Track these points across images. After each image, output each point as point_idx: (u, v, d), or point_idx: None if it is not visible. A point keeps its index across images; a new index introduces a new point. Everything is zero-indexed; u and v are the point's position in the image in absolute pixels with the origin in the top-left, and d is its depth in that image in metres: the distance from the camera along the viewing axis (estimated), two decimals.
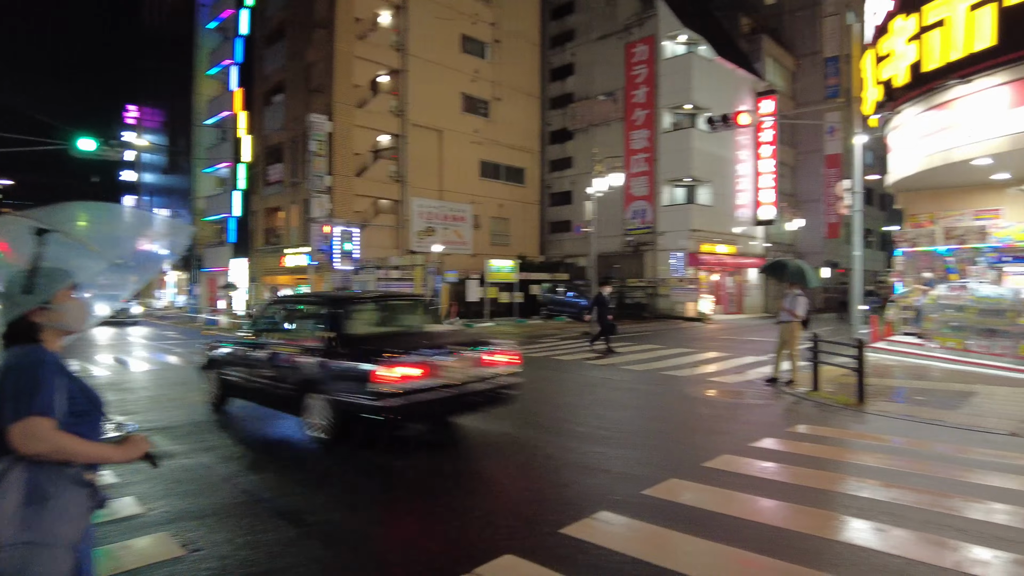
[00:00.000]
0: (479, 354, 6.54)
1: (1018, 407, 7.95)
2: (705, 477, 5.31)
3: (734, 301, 34.54)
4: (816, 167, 37.10)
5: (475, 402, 6.49)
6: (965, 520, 4.28)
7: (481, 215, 31.24)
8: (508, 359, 6.86)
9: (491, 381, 6.55)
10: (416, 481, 5.33)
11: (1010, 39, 11.20)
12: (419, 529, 4.27)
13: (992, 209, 15.16)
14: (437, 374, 5.98)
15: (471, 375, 6.34)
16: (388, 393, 5.60)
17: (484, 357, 6.57)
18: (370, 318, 7.31)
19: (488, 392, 6.51)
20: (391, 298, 9.12)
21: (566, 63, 36.17)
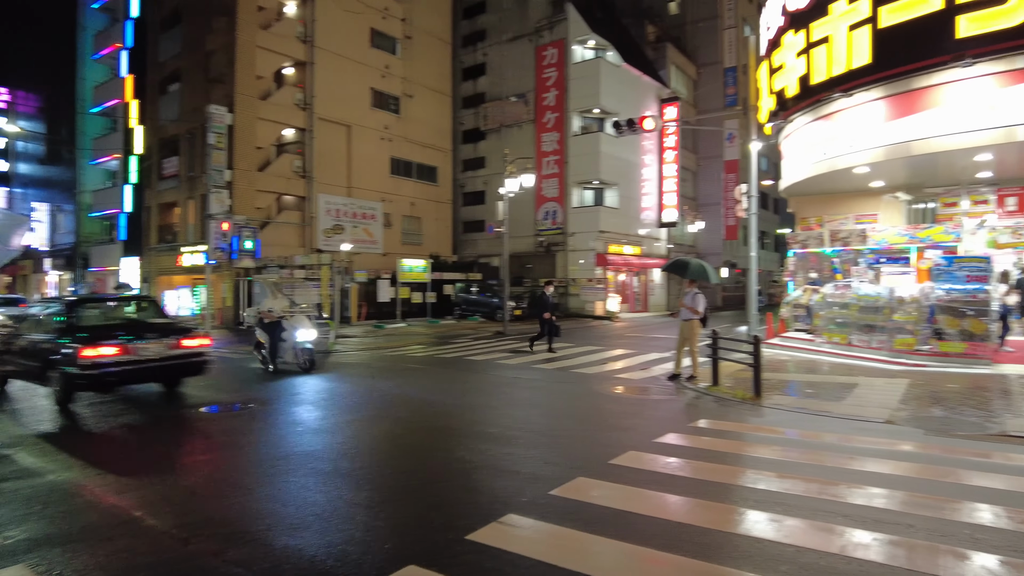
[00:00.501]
0: (176, 339, 8.84)
1: (892, 397, 8.60)
2: (612, 475, 5.38)
3: (640, 300, 35.73)
4: (716, 172, 38.95)
5: (167, 373, 9.00)
6: (849, 506, 4.55)
7: (392, 213, 30.67)
8: (199, 343, 9.14)
9: (182, 358, 8.89)
10: (321, 488, 5.09)
11: (884, 58, 12.15)
12: (320, 542, 4.07)
13: (871, 214, 16.42)
14: (132, 352, 8.29)
15: (165, 354, 8.67)
16: (91, 365, 7.92)
17: (181, 341, 8.88)
18: (98, 313, 9.80)
19: (178, 365, 8.91)
20: (120, 299, 11.81)
21: (478, 63, 36.18)
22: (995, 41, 10.69)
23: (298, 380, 10.88)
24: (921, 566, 3.56)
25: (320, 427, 7.46)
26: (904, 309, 11.74)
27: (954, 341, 10.97)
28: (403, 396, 9.74)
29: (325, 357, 14.55)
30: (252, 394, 9.59)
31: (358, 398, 9.54)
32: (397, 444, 6.76)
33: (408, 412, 8.43)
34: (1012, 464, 5.66)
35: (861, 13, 12.28)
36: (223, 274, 24.18)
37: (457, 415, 8.21)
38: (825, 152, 13.89)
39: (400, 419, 7.98)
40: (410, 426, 7.57)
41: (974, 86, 11.18)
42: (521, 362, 13.28)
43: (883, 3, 11.93)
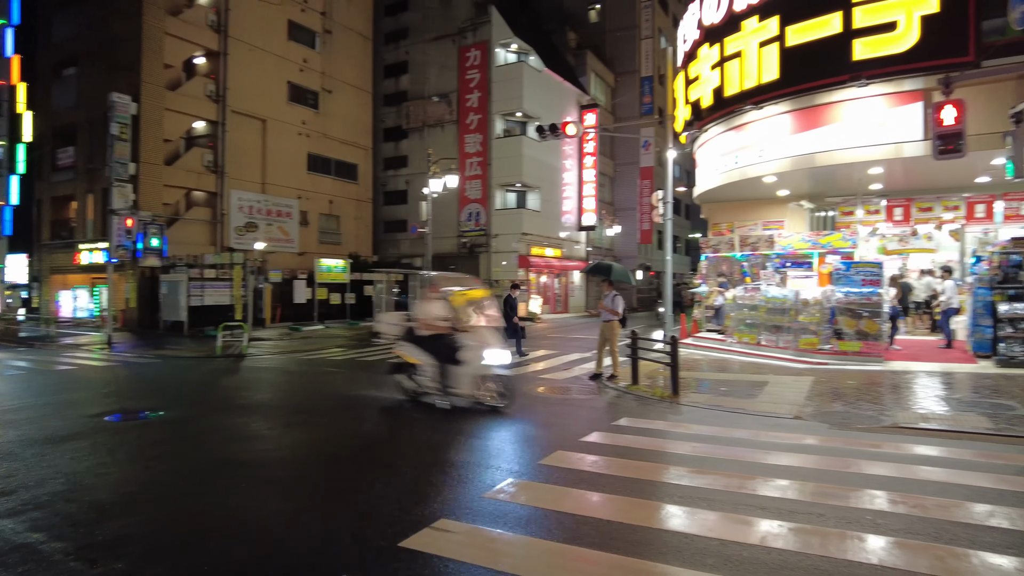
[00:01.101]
0: None
1: (799, 393, 9.16)
2: (542, 475, 5.46)
3: (560, 301, 36.36)
4: (632, 178, 40.19)
5: None
6: (765, 499, 4.81)
7: (310, 211, 29.77)
8: None
9: None
10: (246, 498, 4.88)
11: (790, 74, 12.93)
12: (246, 554, 3.90)
13: (777, 221, 17.40)
14: None
15: None
16: None
17: None
18: None
19: None
20: None
21: (400, 61, 35.76)
22: (886, 65, 11.59)
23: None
24: (833, 552, 3.81)
25: (241, 434, 7.15)
26: (808, 311, 12.53)
27: (851, 340, 11.81)
28: (326, 400, 9.48)
29: (237, 361, 13.98)
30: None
31: (276, 410, 9.21)
32: (322, 451, 6.58)
33: (331, 417, 8.22)
34: (903, 453, 6.15)
35: (770, 31, 13.02)
36: (126, 273, 22.71)
37: (380, 420, 8.07)
38: (737, 161, 14.62)
39: (323, 425, 7.77)
40: (333, 432, 7.38)
41: (868, 105, 12.09)
42: None
43: (790, 23, 12.70)
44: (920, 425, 7.17)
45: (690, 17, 16.14)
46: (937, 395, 8.87)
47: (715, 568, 3.63)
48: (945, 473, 5.44)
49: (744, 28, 13.63)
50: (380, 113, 35.52)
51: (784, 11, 12.83)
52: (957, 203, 15.41)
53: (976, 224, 15.16)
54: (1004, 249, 11.58)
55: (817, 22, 12.30)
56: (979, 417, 7.42)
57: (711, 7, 14.68)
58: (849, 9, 11.86)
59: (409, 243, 33.79)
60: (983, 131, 10.60)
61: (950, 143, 8.39)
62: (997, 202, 14.93)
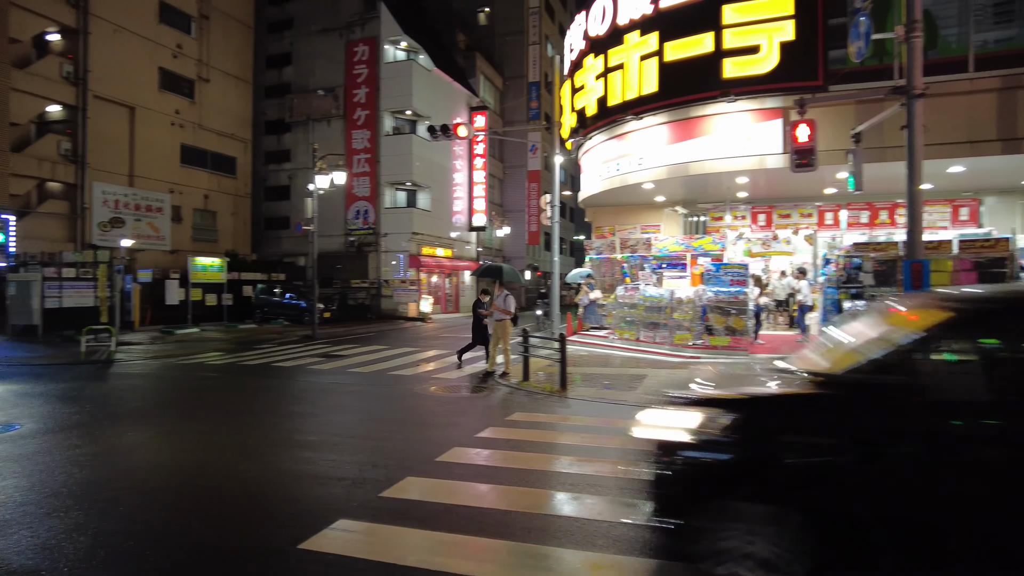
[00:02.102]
0: None
1: (673, 384, 9.84)
2: (439, 472, 5.57)
3: (451, 301, 36.46)
4: (521, 180, 41.05)
5: None
6: (644, 483, 5.20)
7: (183, 206, 27.92)
8: None
9: None
10: (130, 511, 4.61)
11: (668, 88, 13.83)
12: (137, 569, 3.72)
13: (655, 225, 18.49)
14: None
15: None
16: None
17: None
18: None
19: None
20: None
21: (284, 52, 34.35)
22: (750, 84, 12.72)
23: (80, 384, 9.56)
24: None
25: (113, 445, 6.68)
26: (682, 309, 13.46)
27: (721, 336, 12.83)
28: (207, 407, 9.04)
29: (105, 368, 12.95)
30: None
31: (155, 411, 8.68)
32: (210, 458, 6.30)
33: (215, 425, 7.86)
34: None
35: (650, 46, 13.86)
36: None
37: (271, 424, 7.82)
38: (618, 168, 15.42)
39: (207, 431, 7.42)
40: (220, 439, 7.08)
41: (736, 119, 13.19)
42: (335, 367, 12.94)
43: (668, 39, 13.60)
44: None
45: (576, 28, 16.81)
46: None
47: (604, 548, 3.92)
48: None
49: (627, 41, 14.42)
50: (262, 105, 33.93)
51: (663, 28, 13.72)
52: (811, 211, 17.13)
53: (826, 230, 16.93)
54: (847, 253, 13.03)
55: (692, 40, 13.26)
56: None
57: (596, 19, 15.39)
58: (720, 31, 12.90)
59: (292, 241, 32.54)
60: (831, 147, 11.90)
61: (804, 158, 9.38)
62: (842, 211, 16.76)
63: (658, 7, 13.77)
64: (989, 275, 12.38)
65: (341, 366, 12.97)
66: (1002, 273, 12.37)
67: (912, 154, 8.32)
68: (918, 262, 8.16)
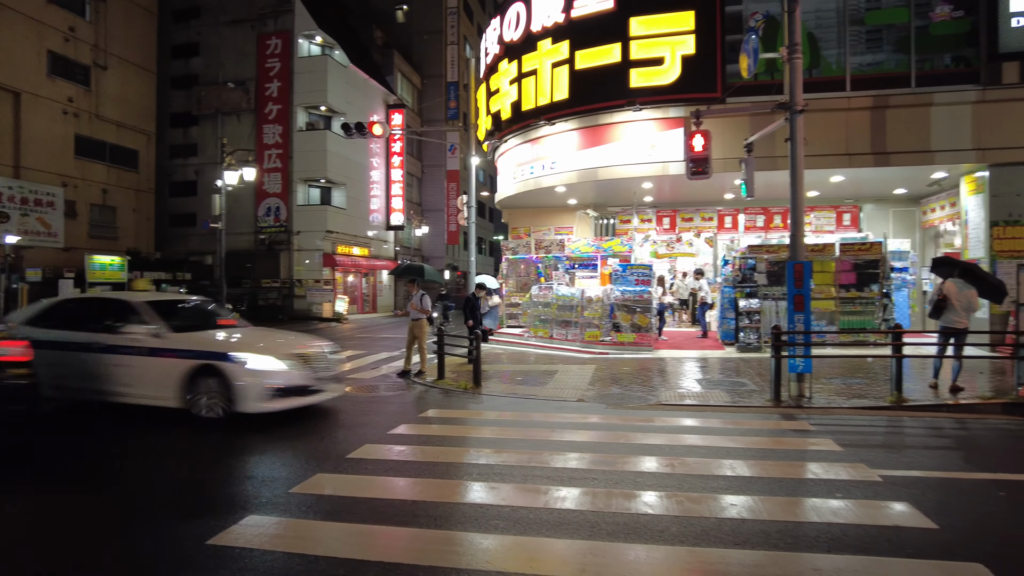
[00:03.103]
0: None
1: (583, 380, 10.32)
2: (349, 468, 5.68)
3: (368, 301, 36.01)
4: (439, 180, 41.05)
5: None
6: (551, 470, 5.53)
7: (79, 201, 26.19)
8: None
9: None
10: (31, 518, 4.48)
11: (578, 95, 14.36)
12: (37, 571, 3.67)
13: (568, 227, 19.09)
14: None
15: None
16: None
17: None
18: None
19: None
20: None
21: (191, 42, 32.83)
22: (655, 94, 13.43)
23: None
24: (601, 507, 4.57)
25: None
26: (592, 307, 14.03)
27: (627, 333, 13.47)
28: (110, 409, 8.68)
29: None
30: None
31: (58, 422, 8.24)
32: (114, 461, 6.13)
33: (119, 427, 7.60)
34: (665, 425, 7.35)
35: (562, 54, 14.35)
36: None
37: (179, 427, 7.65)
38: (532, 171, 15.84)
39: (111, 432, 7.18)
40: (126, 441, 6.88)
41: (642, 127, 13.87)
42: None
43: (579, 48, 14.12)
44: (679, 402, 8.56)
45: (492, 32, 17.11)
46: (693, 377, 10.55)
47: (505, 530, 4.19)
48: (698, 439, 6.65)
49: (540, 48, 14.85)
50: (167, 97, 32.29)
51: (574, 37, 14.23)
52: (711, 215, 18.19)
53: (725, 233, 18.03)
54: (743, 255, 14.02)
55: (601, 50, 13.84)
56: (722, 393, 9.02)
57: (511, 25, 15.75)
58: (627, 42, 13.54)
59: (199, 239, 31.17)
60: (728, 156, 12.77)
61: (699, 167, 10.05)
62: (740, 215, 17.91)
63: (570, 16, 14.27)
64: (866, 275, 13.68)
65: None
66: (876, 273, 13.69)
67: (794, 165, 9.10)
68: (800, 263, 8.94)
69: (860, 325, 13.31)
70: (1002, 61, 12.32)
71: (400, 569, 3.58)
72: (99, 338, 7.66)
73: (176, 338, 7.56)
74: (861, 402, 8.29)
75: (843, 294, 13.56)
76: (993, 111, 12.48)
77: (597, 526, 4.22)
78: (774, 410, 8.10)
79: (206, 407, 7.21)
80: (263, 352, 7.47)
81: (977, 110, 12.53)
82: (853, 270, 13.69)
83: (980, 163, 12.75)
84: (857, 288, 13.55)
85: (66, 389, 7.71)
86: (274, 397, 7.27)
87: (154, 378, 7.38)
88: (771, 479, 5.22)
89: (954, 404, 8.12)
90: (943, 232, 16.22)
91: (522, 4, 15.32)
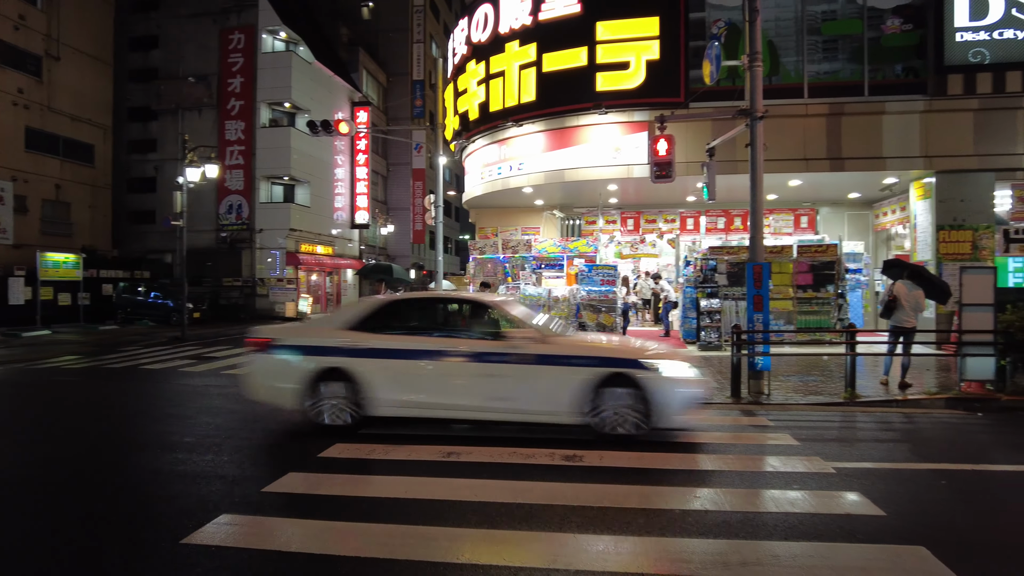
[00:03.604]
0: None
1: None
2: (320, 467, 5.71)
3: (332, 300, 35.63)
4: (405, 178, 40.82)
5: None
6: (523, 467, 5.67)
7: (30, 196, 25.30)
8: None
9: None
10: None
11: (545, 97, 14.54)
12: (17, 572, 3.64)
13: (535, 227, 19.27)
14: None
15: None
16: None
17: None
18: None
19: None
20: None
21: (151, 34, 32.04)
22: (620, 97, 13.69)
23: None
24: (570, 500, 4.72)
25: None
26: (558, 307, 14.24)
27: (592, 331, 13.69)
28: (71, 412, 8.52)
29: None
30: None
31: (7, 418, 8.07)
32: (80, 463, 6.03)
33: (81, 430, 7.47)
34: None
35: (530, 56, 14.51)
36: None
37: (144, 427, 7.57)
38: (500, 172, 15.98)
39: (74, 437, 7.05)
40: (91, 443, 6.77)
41: (607, 130, 14.12)
42: (208, 368, 12.49)
43: (546, 51, 14.30)
44: None
45: (460, 33, 17.18)
46: None
47: (479, 524, 4.30)
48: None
49: (508, 50, 14.99)
50: (125, 90, 31.43)
51: (541, 39, 14.41)
52: (674, 217, 18.59)
53: (688, 234, 18.44)
54: (704, 256, 14.38)
55: (568, 53, 14.05)
56: None
57: (479, 26, 15.84)
58: (594, 46, 13.77)
59: (158, 237, 30.45)
60: (691, 160, 13.11)
61: (663, 170, 10.31)
62: (702, 217, 18.33)
63: (537, 19, 14.43)
64: (822, 276, 14.18)
65: (215, 368, 12.53)
66: (831, 275, 14.21)
67: (755, 169, 9.41)
68: (759, 265, 9.26)
69: (816, 324, 13.80)
70: (948, 73, 12.93)
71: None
72: (458, 344, 6.76)
73: (565, 343, 6.74)
74: (817, 398, 8.64)
75: (800, 294, 14.04)
76: (940, 120, 13.08)
77: (567, 519, 4.36)
78: (734, 406, 8.39)
79: (614, 422, 6.29)
80: (672, 358, 6.67)
81: (925, 119, 13.12)
82: (810, 271, 14.19)
83: (928, 170, 13.34)
84: (814, 289, 14.05)
85: (399, 404, 6.75)
86: (688, 409, 6.43)
87: (545, 390, 6.41)
88: (732, 472, 5.45)
89: (903, 400, 8.55)
90: (894, 235, 16.90)
91: (490, 6, 15.42)
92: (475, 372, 6.57)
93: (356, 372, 6.67)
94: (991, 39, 12.72)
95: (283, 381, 6.93)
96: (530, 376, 6.41)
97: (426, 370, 6.71)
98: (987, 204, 13.31)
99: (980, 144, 12.99)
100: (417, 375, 6.72)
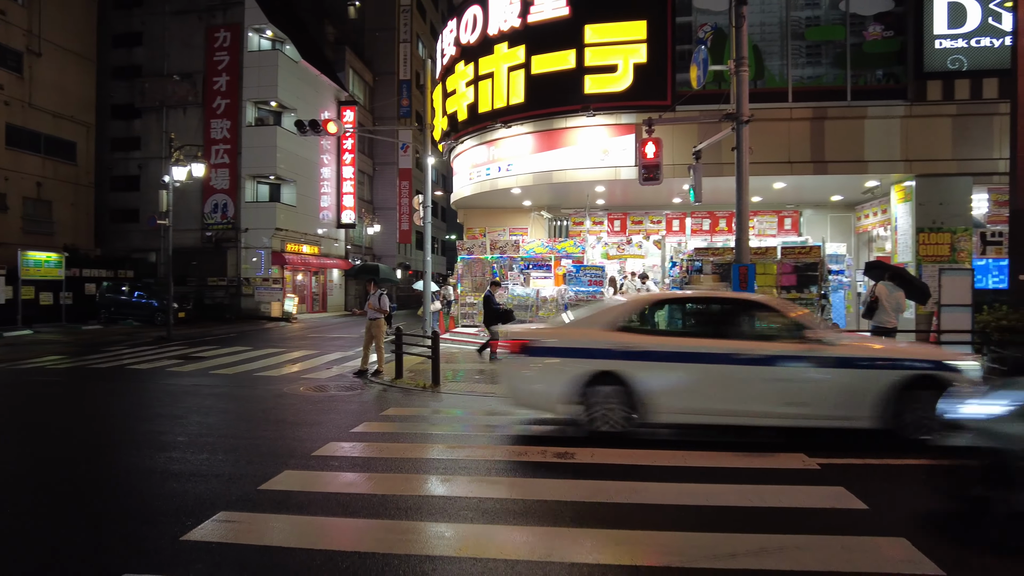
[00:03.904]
0: None
1: None
2: (316, 465, 5.78)
3: (318, 300, 35.51)
4: (391, 178, 40.77)
5: None
6: (504, 463, 5.77)
7: (10, 194, 24.99)
8: None
9: None
10: None
11: (534, 99, 14.64)
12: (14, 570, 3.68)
13: (522, 228, 19.37)
14: None
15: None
16: None
17: None
18: None
19: None
20: None
21: (135, 31, 31.74)
22: (608, 100, 13.82)
23: None
24: (561, 496, 4.83)
25: None
26: (546, 307, 14.37)
27: None
28: (59, 412, 8.48)
29: None
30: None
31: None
32: (76, 465, 6.03)
33: (71, 430, 7.45)
34: None
35: (518, 58, 14.60)
36: None
37: (135, 428, 7.56)
38: (488, 173, 16.05)
39: (65, 436, 7.04)
40: (84, 443, 6.77)
41: (595, 133, 14.25)
42: (196, 368, 12.45)
43: (535, 53, 14.40)
44: None
45: (448, 34, 17.24)
46: None
47: (472, 520, 4.40)
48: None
49: (496, 52, 15.07)
50: (108, 87, 31.12)
51: (530, 42, 14.50)
52: (660, 218, 18.75)
53: (673, 236, 18.61)
54: (690, 257, 14.54)
55: (557, 55, 14.15)
56: None
57: (467, 27, 15.91)
58: (582, 48, 13.88)
59: (142, 235, 30.18)
60: (677, 162, 13.27)
61: (651, 173, 10.46)
62: (688, 219, 18.52)
63: (526, 21, 14.53)
64: (805, 277, 14.40)
65: (202, 368, 12.50)
66: (815, 276, 14.43)
67: (740, 172, 9.59)
68: (744, 266, 9.42)
69: None
70: (927, 79, 13.21)
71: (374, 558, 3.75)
72: (749, 347, 6.37)
73: (859, 345, 6.55)
74: None
75: (784, 295, 14.24)
76: (919, 125, 13.36)
77: (560, 514, 4.47)
78: None
79: (918, 426, 6.03)
80: (967, 358, 6.44)
81: (905, 124, 13.39)
82: (794, 272, 14.39)
83: (908, 173, 13.61)
84: (797, 289, 14.25)
85: (680, 411, 6.46)
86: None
87: (843, 393, 6.17)
88: (719, 468, 5.58)
89: None
90: (875, 237, 17.20)
91: (479, 7, 15.50)
92: (768, 376, 6.23)
93: (632, 376, 6.32)
94: (968, 47, 13.02)
95: (550, 385, 6.58)
96: (829, 380, 6.19)
97: (712, 374, 6.33)
98: (965, 207, 13.61)
99: (958, 149, 13.28)
100: (702, 379, 6.36)
